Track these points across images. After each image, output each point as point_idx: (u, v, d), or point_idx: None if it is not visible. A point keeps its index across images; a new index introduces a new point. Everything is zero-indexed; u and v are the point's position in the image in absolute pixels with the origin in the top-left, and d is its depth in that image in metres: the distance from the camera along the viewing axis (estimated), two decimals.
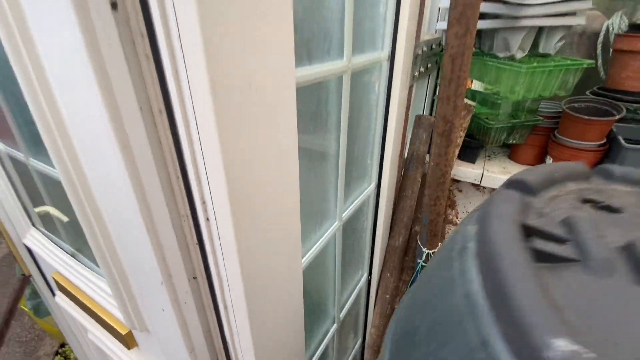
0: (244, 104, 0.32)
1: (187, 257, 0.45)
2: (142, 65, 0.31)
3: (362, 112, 0.75)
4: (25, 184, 0.87)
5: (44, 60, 0.37)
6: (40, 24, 0.34)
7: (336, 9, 0.52)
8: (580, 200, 0.40)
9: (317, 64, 0.48)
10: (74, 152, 0.44)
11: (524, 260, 0.26)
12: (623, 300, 0.24)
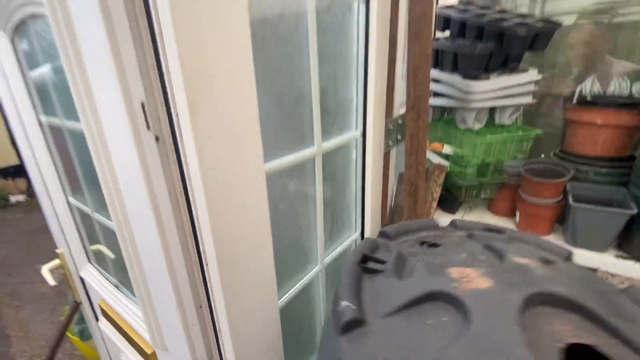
0: (226, 199, 0.52)
1: (195, 291, 0.63)
2: (172, 173, 0.53)
3: (340, 178, 0.94)
4: (86, 229, 1.13)
5: (115, 162, 0.61)
6: (113, 140, 0.57)
7: (307, 108, 0.73)
8: (418, 242, 0.60)
9: (289, 155, 0.69)
10: (126, 215, 0.66)
11: (353, 270, 0.50)
12: (392, 288, 0.43)
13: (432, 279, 0.50)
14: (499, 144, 0.97)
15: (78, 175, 0.97)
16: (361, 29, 0.82)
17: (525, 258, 0.55)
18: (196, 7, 0.42)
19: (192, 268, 0.60)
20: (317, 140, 0.76)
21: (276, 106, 0.67)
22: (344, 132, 0.89)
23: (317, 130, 0.75)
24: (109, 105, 0.54)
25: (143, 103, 0.49)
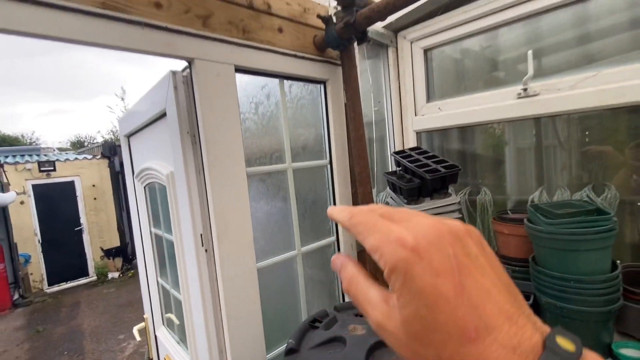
0: (233, 283, 1.01)
1: (219, 338, 1.08)
2: (211, 267, 1.04)
3: (318, 273, 1.37)
4: (164, 300, 1.67)
5: (186, 260, 1.15)
6: (187, 249, 1.12)
7: (289, 228, 1.23)
8: (355, 314, 0.97)
9: (276, 257, 1.17)
10: (188, 290, 1.18)
11: (302, 326, 0.88)
12: (319, 335, 0.81)
13: (338, 330, 0.90)
14: None
15: (165, 264, 1.56)
16: (329, 181, 1.36)
17: None
18: (222, 194, 0.98)
19: (218, 325, 1.07)
20: (297, 245, 1.24)
21: (267, 227, 1.19)
22: (322, 238, 1.36)
23: (297, 239, 1.24)
24: (186, 232, 1.10)
25: (201, 234, 1.04)
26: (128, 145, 1.68)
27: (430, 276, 0.23)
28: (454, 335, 0.22)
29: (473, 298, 0.22)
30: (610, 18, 1.23)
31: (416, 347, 0.24)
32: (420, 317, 0.23)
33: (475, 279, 0.23)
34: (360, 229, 0.28)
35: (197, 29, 0.91)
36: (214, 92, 0.96)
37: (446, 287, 0.23)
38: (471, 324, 0.22)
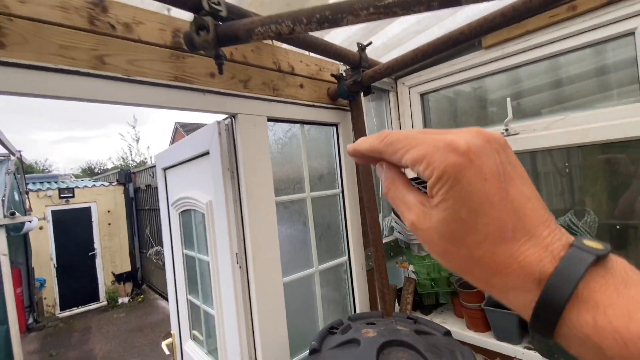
0: (264, 296, 1.21)
1: (252, 354, 1.25)
2: (245, 284, 1.24)
3: (333, 287, 1.55)
4: (192, 315, 1.84)
5: (221, 278, 1.35)
6: (222, 267, 1.33)
7: (307, 247, 1.43)
8: (366, 323, 1.14)
9: (298, 273, 1.36)
10: (221, 305, 1.36)
11: (323, 331, 1.06)
12: (337, 338, 0.99)
13: (353, 333, 1.07)
14: (435, 265, 1.49)
15: (195, 281, 1.75)
16: (341, 208, 1.57)
17: (407, 328, 1.10)
18: (256, 219, 1.20)
19: (249, 334, 1.24)
20: (315, 263, 1.43)
21: (290, 247, 1.40)
22: (336, 258, 1.55)
23: (315, 258, 1.44)
24: (223, 252, 1.31)
25: (237, 253, 1.25)
26: (164, 177, 1.92)
27: (479, 181, 0.24)
28: (491, 236, 0.24)
29: (515, 203, 0.24)
30: (576, 66, 1.47)
31: (448, 247, 0.26)
32: (460, 220, 0.25)
33: (517, 186, 0.25)
34: (400, 145, 0.28)
35: (240, 90, 1.17)
36: (251, 138, 1.20)
37: (492, 192, 0.24)
38: (510, 226, 0.24)
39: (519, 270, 0.24)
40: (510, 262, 0.24)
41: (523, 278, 0.24)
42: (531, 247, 0.24)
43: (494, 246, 0.24)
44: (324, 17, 0.79)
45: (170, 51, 1.01)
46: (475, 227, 0.24)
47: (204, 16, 0.84)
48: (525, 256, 0.23)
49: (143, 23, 0.97)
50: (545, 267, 0.23)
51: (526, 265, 0.23)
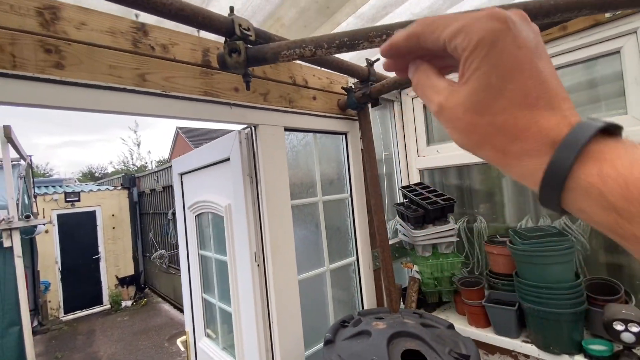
0: (282, 293, 1.31)
1: (268, 346, 1.35)
2: (262, 281, 1.34)
3: (343, 284, 1.65)
4: (207, 314, 1.94)
5: (238, 276, 1.45)
6: (240, 265, 1.43)
7: (319, 248, 1.53)
8: (375, 317, 1.24)
9: (311, 271, 1.46)
10: (239, 303, 1.46)
11: (335, 324, 1.15)
12: (349, 330, 1.09)
13: (365, 326, 1.17)
14: (438, 265, 1.59)
15: (210, 281, 1.84)
16: (350, 211, 1.68)
17: (413, 321, 1.19)
18: (274, 220, 1.30)
19: (266, 328, 1.34)
20: (327, 263, 1.53)
21: (303, 248, 1.50)
22: (345, 258, 1.65)
23: (326, 258, 1.54)
24: (241, 251, 1.41)
25: (255, 252, 1.35)
26: (181, 182, 2.03)
27: (514, 47, 0.26)
28: (516, 101, 0.26)
29: (542, 75, 0.26)
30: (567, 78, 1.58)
31: (472, 118, 0.28)
32: (489, 86, 0.26)
33: (545, 62, 0.27)
34: (440, 22, 0.29)
35: (260, 103, 1.28)
36: (269, 146, 1.31)
37: (524, 60, 0.26)
38: (534, 93, 0.26)
39: (537, 133, 0.25)
40: (530, 125, 0.26)
41: (539, 141, 0.25)
42: (551, 115, 0.25)
43: (517, 111, 0.26)
44: (342, 43, 0.90)
45: (200, 69, 1.13)
46: (503, 93, 0.26)
47: (236, 40, 0.95)
48: (544, 121, 0.25)
49: (177, 44, 1.08)
50: (561, 131, 0.25)
51: (544, 128, 0.25)
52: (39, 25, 0.85)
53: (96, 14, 0.94)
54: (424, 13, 1.27)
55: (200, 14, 0.85)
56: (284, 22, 1.20)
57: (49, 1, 0.87)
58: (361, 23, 1.29)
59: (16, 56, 0.82)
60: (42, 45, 0.85)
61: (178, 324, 6.33)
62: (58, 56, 0.87)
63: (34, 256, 6.51)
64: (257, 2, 1.08)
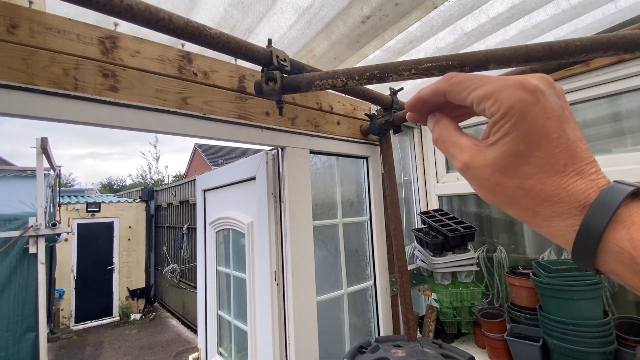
0: (300, 312, 1.31)
1: None
2: (280, 299, 1.35)
3: (360, 309, 1.63)
4: (220, 331, 1.94)
5: (257, 295, 1.47)
6: (260, 283, 1.45)
7: (338, 270, 1.54)
8: (394, 345, 1.23)
9: (329, 293, 1.47)
10: (255, 321, 1.47)
11: (352, 350, 1.14)
12: (367, 357, 1.08)
13: (383, 353, 1.16)
14: (458, 294, 1.56)
15: (226, 297, 1.86)
16: (368, 234, 1.69)
17: (433, 351, 1.18)
18: (296, 240, 1.33)
19: (282, 347, 1.34)
20: (344, 285, 1.53)
21: (322, 269, 1.51)
22: (362, 282, 1.65)
23: (344, 280, 1.54)
24: (261, 269, 1.43)
25: (275, 271, 1.37)
26: (204, 198, 2.10)
27: (543, 118, 0.27)
28: (544, 168, 0.27)
29: (569, 142, 0.27)
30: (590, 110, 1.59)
31: (500, 179, 0.29)
32: (518, 153, 0.28)
33: (572, 128, 0.28)
34: (468, 84, 0.31)
35: (288, 127, 1.35)
36: (295, 168, 1.36)
37: (552, 129, 0.27)
38: (562, 161, 0.27)
39: (566, 199, 0.27)
40: (559, 191, 0.27)
41: (569, 205, 0.27)
42: (579, 180, 0.27)
43: (545, 177, 0.27)
44: (372, 75, 0.96)
45: (236, 94, 1.21)
46: (531, 160, 0.28)
47: (273, 70, 1.03)
48: (573, 187, 0.27)
49: (217, 71, 1.17)
50: (590, 195, 0.26)
51: (573, 194, 0.27)
52: (100, 52, 0.95)
53: (149, 43, 1.04)
54: (448, 48, 1.34)
55: (244, 46, 0.93)
56: (316, 54, 1.28)
57: (110, 32, 0.98)
58: (387, 56, 1.36)
59: (78, 79, 0.91)
60: (100, 70, 0.94)
61: (185, 341, 6.27)
62: (114, 80, 0.96)
63: (52, 264, 6.67)
64: (293, 35, 1.16)
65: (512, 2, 1.15)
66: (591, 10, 1.26)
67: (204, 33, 0.83)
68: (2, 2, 0.80)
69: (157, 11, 0.74)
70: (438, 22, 1.20)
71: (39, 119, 0.86)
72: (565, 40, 0.86)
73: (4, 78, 0.78)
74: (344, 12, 1.11)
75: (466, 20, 1.22)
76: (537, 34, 1.38)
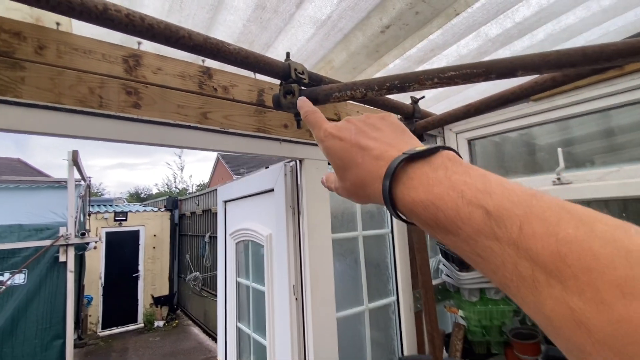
0: (320, 328, 1.27)
1: None
2: (300, 314, 1.32)
3: (383, 327, 1.57)
4: (240, 343, 1.92)
5: (275, 308, 1.44)
6: (278, 297, 1.42)
7: (359, 286, 1.49)
8: None
9: (349, 309, 1.42)
10: (274, 336, 1.44)
11: None
12: None
13: None
14: (487, 312, 1.47)
15: (245, 309, 1.85)
16: (390, 247, 1.64)
17: None
18: (315, 253, 1.30)
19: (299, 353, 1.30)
20: (365, 301, 1.48)
21: (342, 284, 1.47)
22: (385, 297, 1.59)
23: (365, 296, 1.49)
24: (280, 282, 1.41)
25: (294, 285, 1.34)
26: (224, 209, 2.12)
27: (337, 143, 0.41)
28: (353, 166, 0.39)
29: (361, 144, 0.39)
30: (626, 115, 1.48)
31: (343, 184, 0.42)
32: (338, 167, 0.42)
33: (367, 135, 0.39)
34: (309, 125, 0.50)
35: (306, 138, 1.34)
36: (313, 180, 1.35)
37: (346, 145, 0.40)
38: (359, 157, 0.38)
39: (377, 178, 0.36)
40: (366, 175, 0.38)
41: (376, 180, 0.36)
42: (376, 162, 0.37)
43: (355, 168, 0.39)
44: (393, 85, 0.93)
45: (254, 107, 1.21)
46: (343, 164, 0.41)
47: (291, 83, 1.02)
48: (373, 168, 0.37)
49: (237, 85, 1.18)
50: (382, 170, 0.35)
51: (374, 172, 0.37)
52: (124, 70, 0.98)
53: (170, 60, 1.06)
54: (471, 55, 1.29)
55: (262, 60, 0.93)
56: (334, 65, 1.27)
57: (134, 50, 1.00)
58: (408, 65, 1.33)
59: (103, 97, 0.93)
60: (124, 88, 0.97)
61: (206, 349, 6.31)
62: (136, 97, 0.98)
63: (81, 271, 6.95)
64: (311, 47, 1.16)
65: (539, 5, 1.10)
66: (623, 13, 1.19)
67: (222, 49, 0.83)
68: (30, 24, 0.84)
69: (177, 29, 0.75)
70: (460, 29, 1.16)
71: (65, 136, 0.88)
72: (601, 44, 0.80)
73: (33, 97, 0.81)
74: (363, 23, 1.09)
75: (490, 26, 1.18)
76: (567, 37, 1.31)
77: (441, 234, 0.30)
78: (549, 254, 0.22)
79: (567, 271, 0.21)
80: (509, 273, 0.24)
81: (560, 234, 0.22)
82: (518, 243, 0.23)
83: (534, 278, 0.22)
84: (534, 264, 0.22)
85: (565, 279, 0.21)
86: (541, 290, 0.22)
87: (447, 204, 0.28)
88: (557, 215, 0.23)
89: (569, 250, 0.21)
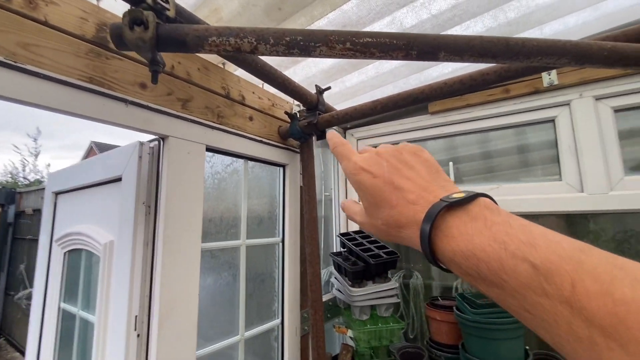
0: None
1: None
2: (143, 354, 0.92)
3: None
4: None
5: (107, 348, 0.99)
6: (112, 333, 0.98)
7: (235, 311, 1.17)
8: None
9: (217, 343, 1.09)
10: None
11: None
12: None
13: None
14: (377, 332, 1.36)
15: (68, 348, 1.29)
16: (279, 260, 1.38)
17: None
18: (173, 271, 0.93)
19: None
20: (241, 329, 1.17)
21: (211, 309, 1.13)
22: (267, 321, 1.31)
23: (241, 322, 1.18)
24: (117, 312, 0.98)
25: (137, 315, 0.94)
26: (54, 202, 1.51)
27: (369, 179, 0.39)
28: (386, 206, 0.38)
29: (395, 184, 0.37)
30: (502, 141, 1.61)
31: (372, 222, 0.40)
32: (369, 204, 0.40)
33: (400, 174, 0.38)
34: (338, 157, 0.47)
35: (177, 110, 0.97)
36: (182, 168, 0.98)
37: (379, 182, 0.39)
38: (394, 198, 0.37)
39: (414, 223, 0.35)
40: (400, 218, 0.37)
41: (412, 225, 0.35)
42: (407, 204, 0.36)
43: (390, 210, 0.38)
44: (294, 42, 0.68)
45: (89, 46, 0.79)
46: (376, 203, 0.39)
47: (144, 10, 0.66)
48: (408, 212, 0.36)
49: (58, 5, 0.75)
50: (419, 214, 0.35)
51: (411, 215, 0.36)
52: None
53: None
54: None
55: None
56: (222, 16, 0.96)
57: None
58: None
59: None
60: None
61: None
62: None
63: None
64: None
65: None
66: None
67: None
68: None
69: None
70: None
71: None
72: (523, 38, 0.72)
73: None
74: None
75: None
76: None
77: (484, 285, 0.29)
78: (606, 315, 0.20)
79: (627, 334, 0.19)
80: (564, 333, 0.23)
81: (615, 293, 0.21)
82: (571, 302, 0.22)
83: (591, 340, 0.21)
84: (590, 325, 0.21)
85: (625, 343, 0.19)
86: (600, 354, 0.20)
87: (490, 256, 0.28)
88: (609, 273, 0.22)
89: (627, 312, 0.20)
